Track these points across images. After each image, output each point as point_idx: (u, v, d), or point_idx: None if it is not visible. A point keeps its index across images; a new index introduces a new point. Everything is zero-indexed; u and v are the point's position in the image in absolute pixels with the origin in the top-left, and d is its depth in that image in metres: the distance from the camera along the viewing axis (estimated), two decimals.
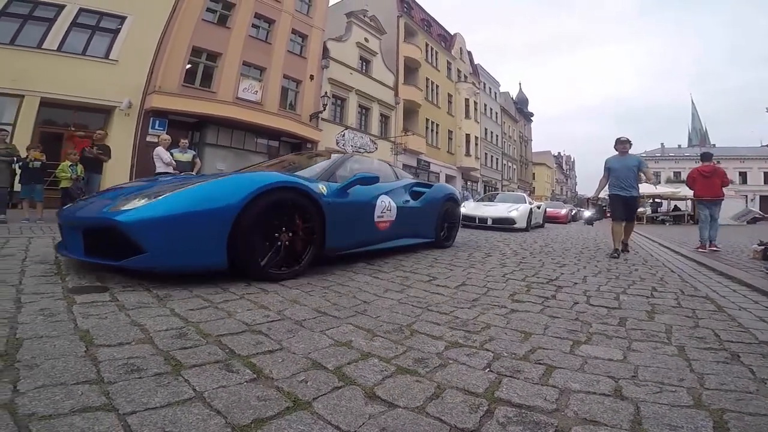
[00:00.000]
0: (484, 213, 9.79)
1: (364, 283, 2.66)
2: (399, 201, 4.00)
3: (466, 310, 2.09)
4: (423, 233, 4.49)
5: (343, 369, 1.26)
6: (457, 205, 5.34)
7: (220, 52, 14.50)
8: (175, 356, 1.26)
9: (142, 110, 12.45)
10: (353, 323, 1.76)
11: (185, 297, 2.02)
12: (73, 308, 1.69)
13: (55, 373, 1.09)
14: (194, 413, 0.95)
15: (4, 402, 0.94)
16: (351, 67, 20.13)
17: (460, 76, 31.05)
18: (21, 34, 10.86)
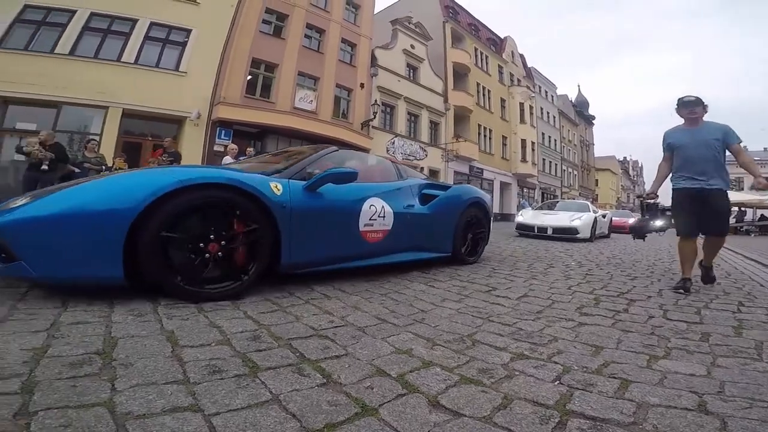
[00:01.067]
0: (544, 222, 9.35)
1: (420, 291, 2.69)
2: (398, 206, 3.28)
3: (530, 322, 2.06)
4: (434, 246, 3.69)
5: (406, 377, 1.30)
6: (484, 213, 4.34)
7: (277, 63, 15.33)
8: (251, 358, 1.35)
9: (209, 120, 13.43)
10: (412, 331, 1.79)
11: (256, 300, 2.17)
12: (158, 309, 1.87)
13: (147, 372, 1.20)
14: (272, 416, 1.00)
15: (104, 400, 1.02)
16: (398, 74, 20.45)
17: (513, 80, 30.43)
18: (103, 47, 12.11)
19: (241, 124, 13.93)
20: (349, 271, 2.99)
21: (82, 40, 11.85)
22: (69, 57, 11.55)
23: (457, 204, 3.90)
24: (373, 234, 3.03)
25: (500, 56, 29.62)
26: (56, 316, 1.64)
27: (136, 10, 12.57)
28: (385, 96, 19.62)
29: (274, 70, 15.40)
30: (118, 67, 12.09)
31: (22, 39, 11.27)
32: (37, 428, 0.87)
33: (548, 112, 35.66)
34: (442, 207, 3.71)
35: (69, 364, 1.19)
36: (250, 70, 14.67)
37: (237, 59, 14.16)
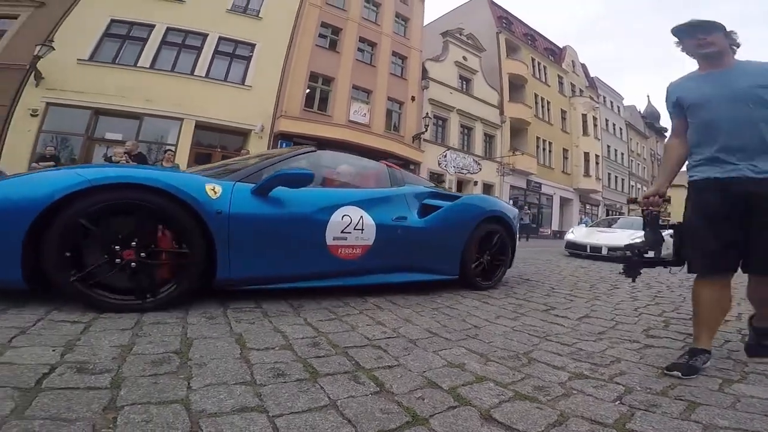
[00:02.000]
0: (599, 241, 8.41)
1: (473, 307, 2.68)
2: (384, 217, 2.79)
3: (591, 343, 2.00)
4: (434, 266, 3.08)
5: (458, 390, 1.32)
6: (507, 229, 3.58)
7: (333, 77, 15.96)
8: (311, 364, 1.44)
9: (272, 133, 14.24)
10: (465, 346, 1.81)
11: (314, 308, 2.29)
12: (227, 312, 2.03)
13: (219, 372, 1.29)
14: (330, 420, 1.06)
15: (181, 398, 1.10)
16: (450, 86, 20.37)
17: (575, 91, 29.34)
18: (178, 61, 13.32)
19: (300, 136, 14.55)
20: (400, 286, 2.98)
21: (160, 54, 13.15)
22: (150, 70, 12.83)
23: (467, 217, 3.26)
24: (347, 250, 2.57)
25: (560, 66, 28.70)
26: (139, 315, 1.84)
27: (206, 25, 13.73)
28: (437, 108, 19.62)
29: (330, 84, 16.03)
30: (191, 80, 13.25)
31: (110, 53, 12.70)
32: (123, 423, 0.96)
33: (614, 124, 33.75)
34: (447, 221, 3.12)
35: (151, 361, 1.33)
36: (308, 84, 15.40)
37: (296, 73, 14.92)
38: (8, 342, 1.35)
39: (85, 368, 1.22)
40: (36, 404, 0.99)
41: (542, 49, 27.88)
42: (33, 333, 1.47)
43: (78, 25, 12.27)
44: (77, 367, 1.22)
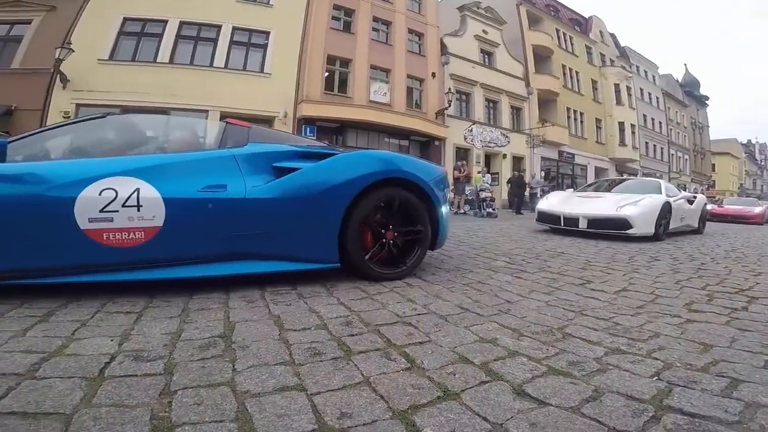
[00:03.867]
0: (575, 210, 6.09)
1: (505, 282, 2.68)
2: (184, 188, 2.08)
3: (628, 317, 1.96)
4: (293, 252, 2.32)
5: (490, 365, 1.34)
6: (420, 197, 2.66)
7: (350, 58, 15.98)
8: (345, 342, 1.50)
9: (295, 118, 14.50)
10: (497, 321, 1.82)
11: (347, 287, 2.36)
12: (265, 295, 2.13)
13: (260, 353, 1.36)
14: (363, 397, 1.10)
15: (227, 380, 1.17)
16: (472, 60, 20.01)
17: (605, 61, 28.38)
18: (196, 54, 13.70)
19: (323, 119, 14.78)
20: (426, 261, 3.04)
21: (177, 48, 13.53)
22: (170, 65, 13.26)
23: (342, 182, 2.36)
24: (120, 234, 1.94)
25: (587, 36, 27.80)
26: (185, 303, 1.95)
27: (218, 16, 13.96)
28: (459, 83, 19.31)
29: (348, 65, 16.07)
30: (211, 72, 13.60)
31: (129, 51, 13.19)
32: (177, 406, 1.02)
33: (650, 93, 32.52)
34: (305, 188, 2.30)
35: (198, 346, 1.41)
36: (326, 67, 15.47)
37: (314, 57, 15.02)
38: (71, 334, 1.48)
39: (140, 356, 1.31)
40: (101, 392, 1.07)
41: (567, 20, 27.03)
42: (92, 325, 1.59)
43: (92, 26, 12.73)
44: (134, 356, 1.31)
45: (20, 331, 1.48)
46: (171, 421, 0.95)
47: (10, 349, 1.30)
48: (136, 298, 1.98)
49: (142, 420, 0.95)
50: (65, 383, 1.10)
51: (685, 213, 6.96)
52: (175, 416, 0.97)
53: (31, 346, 1.34)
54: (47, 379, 1.12)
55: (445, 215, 2.82)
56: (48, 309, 1.76)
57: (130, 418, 0.95)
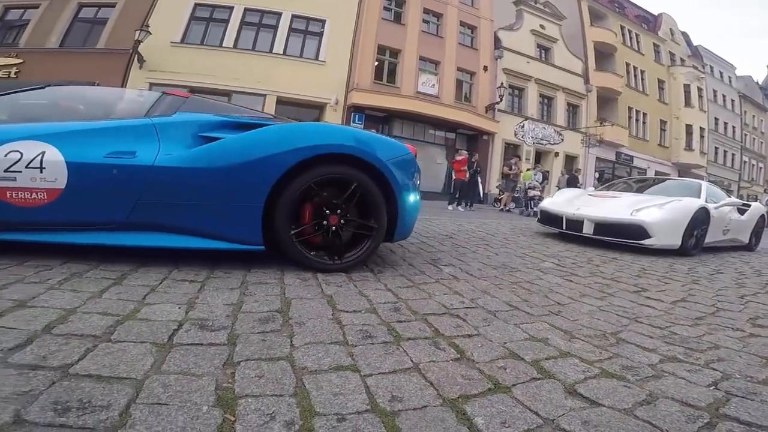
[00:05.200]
0: (580, 211, 4.98)
1: (555, 284, 2.63)
2: (90, 153, 2.04)
3: (687, 327, 1.90)
4: (207, 228, 2.14)
5: (541, 363, 1.34)
6: (374, 178, 2.32)
7: (400, 49, 16.08)
8: (395, 328, 1.54)
9: (345, 106, 14.84)
10: (548, 322, 1.80)
11: (393, 275, 2.41)
12: (317, 275, 2.21)
13: (316, 331, 1.42)
14: (413, 382, 1.13)
15: (286, 355, 1.22)
16: (527, 55, 19.48)
17: (675, 60, 26.69)
18: (258, 40, 14.39)
19: (372, 108, 14.97)
20: (473, 256, 2.99)
21: (241, 34, 14.23)
22: (234, 50, 13.98)
23: (270, 155, 2.13)
24: (22, 194, 1.96)
25: (655, 34, 26.20)
26: (244, 276, 2.07)
27: (279, 4, 14.52)
28: (513, 78, 18.89)
29: (398, 56, 16.17)
30: (271, 58, 14.22)
31: (198, 35, 14.03)
32: (240, 377, 1.07)
33: (724, 95, 30.22)
34: (225, 159, 2.12)
35: (258, 319, 1.49)
36: (376, 57, 15.63)
37: (365, 46, 15.25)
38: (143, 299, 1.60)
39: (205, 325, 1.40)
40: (170, 359, 1.13)
41: (633, 17, 25.66)
42: (160, 291, 1.72)
43: (168, 10, 13.60)
44: (199, 324, 1.40)
45: (97, 292, 1.61)
46: (234, 392, 1.00)
47: (89, 310, 1.41)
48: (198, 267, 2.12)
49: (207, 389, 1.00)
50: (137, 348, 1.18)
51: (730, 224, 5.58)
52: (238, 387, 1.02)
53: (107, 308, 1.45)
54: (121, 343, 1.20)
55: (410, 202, 2.46)
56: (121, 272, 1.92)
57: (196, 387, 1.00)
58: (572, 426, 0.98)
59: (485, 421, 0.98)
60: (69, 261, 1.99)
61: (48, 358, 1.06)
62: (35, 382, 0.95)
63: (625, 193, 5.77)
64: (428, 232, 4.74)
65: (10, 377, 0.95)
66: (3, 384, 0.93)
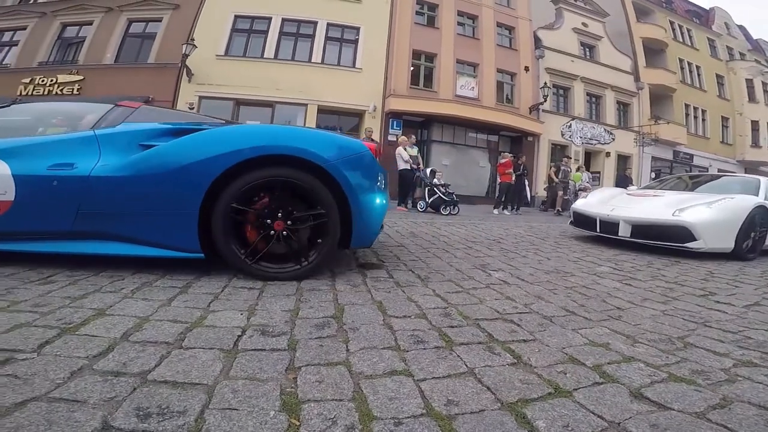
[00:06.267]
0: (616, 212, 4.64)
1: (613, 288, 2.53)
2: (35, 165, 2.14)
3: (763, 332, 1.78)
4: (146, 236, 2.14)
5: (603, 367, 1.31)
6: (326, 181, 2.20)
7: (436, 53, 16.03)
8: (446, 333, 1.55)
9: (383, 112, 14.97)
10: (608, 327, 1.75)
11: (441, 280, 2.42)
12: (366, 281, 2.27)
13: (369, 337, 1.45)
14: (469, 386, 1.14)
15: (342, 360, 1.26)
16: (571, 54, 18.87)
17: (733, 54, 25.18)
18: (297, 50, 14.80)
19: (409, 114, 15.00)
20: (523, 261, 2.97)
21: (280, 44, 14.71)
22: (274, 60, 14.46)
23: (202, 160, 2.09)
24: None
25: (708, 29, 24.81)
26: (298, 283, 2.15)
27: (314, 13, 14.91)
28: (557, 77, 18.30)
29: (433, 60, 16.12)
30: (310, 67, 14.58)
31: (240, 47, 14.62)
32: (302, 382, 1.10)
33: None
34: (157, 167, 2.12)
35: (315, 325, 1.54)
36: (412, 62, 15.71)
37: (399, 52, 15.36)
38: (207, 306, 1.70)
39: (266, 331, 1.46)
40: (236, 365, 1.18)
41: (682, 12, 24.44)
42: (223, 298, 1.82)
43: (210, 22, 14.30)
44: (261, 330, 1.46)
45: (166, 300, 1.74)
46: (298, 397, 1.04)
47: (161, 318, 1.52)
48: None
49: (273, 395, 1.04)
50: (207, 354, 1.24)
51: None
52: (301, 392, 1.06)
53: (176, 315, 1.56)
54: (192, 350, 1.26)
55: (368, 204, 2.29)
56: (186, 281, 2.05)
57: (262, 392, 1.04)
58: (640, 429, 0.96)
59: (547, 424, 0.98)
60: (139, 271, 2.15)
61: (128, 364, 1.14)
62: (118, 388, 1.02)
63: (668, 191, 5.31)
64: (475, 237, 4.71)
65: (96, 384, 1.03)
66: (91, 390, 1.00)
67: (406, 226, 5.38)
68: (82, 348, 1.22)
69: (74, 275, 2.03)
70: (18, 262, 2.15)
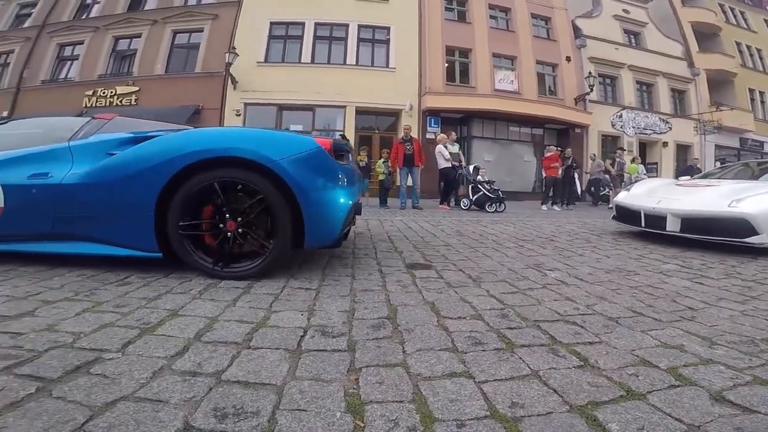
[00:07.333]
0: (663, 204, 4.22)
1: (683, 288, 2.39)
2: (17, 176, 2.42)
3: None
4: (110, 236, 2.31)
5: (679, 370, 1.26)
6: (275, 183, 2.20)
7: (470, 48, 15.84)
8: (505, 335, 1.53)
9: (420, 110, 14.95)
10: (680, 328, 1.66)
11: (493, 280, 2.40)
12: (416, 282, 2.28)
13: (425, 338, 1.45)
14: (534, 389, 1.12)
15: (400, 361, 1.26)
16: (615, 42, 18.13)
17: None
18: (331, 53, 15.10)
19: (447, 111, 14.90)
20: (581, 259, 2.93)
21: (316, 48, 15.04)
22: (311, 65, 14.82)
23: (153, 166, 2.21)
24: None
25: (763, 9, 23.10)
26: (351, 283, 2.21)
27: (345, 15, 15.11)
28: (602, 66, 17.64)
29: (468, 55, 15.93)
30: (345, 69, 14.83)
31: (278, 53, 15.08)
32: (364, 384, 1.12)
33: None
34: (115, 173, 2.29)
35: (371, 326, 1.57)
36: (446, 59, 15.56)
37: (432, 49, 15.27)
38: (269, 306, 1.78)
39: (326, 332, 1.50)
40: (301, 365, 1.22)
41: None
42: (283, 299, 1.90)
43: (248, 30, 14.79)
44: (321, 331, 1.50)
45: (231, 301, 1.83)
46: (360, 398, 1.05)
47: (228, 318, 1.60)
48: (309, 275, 2.33)
49: (337, 396, 1.06)
50: (274, 354, 1.28)
51: None
52: (363, 394, 1.07)
53: (242, 316, 1.64)
54: (260, 350, 1.31)
55: (321, 202, 2.27)
56: (247, 282, 2.15)
57: (327, 393, 1.07)
58: None
59: (620, 427, 0.95)
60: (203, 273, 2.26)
61: (203, 364, 1.20)
62: (196, 388, 1.07)
63: (728, 180, 4.76)
64: (525, 234, 4.60)
65: (176, 384, 1.08)
66: (172, 390, 1.05)
67: (451, 225, 5.34)
68: (160, 348, 1.31)
69: (146, 277, 2.20)
70: (95, 264, 2.35)
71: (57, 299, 1.77)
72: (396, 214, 7.06)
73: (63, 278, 2.13)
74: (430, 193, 11.41)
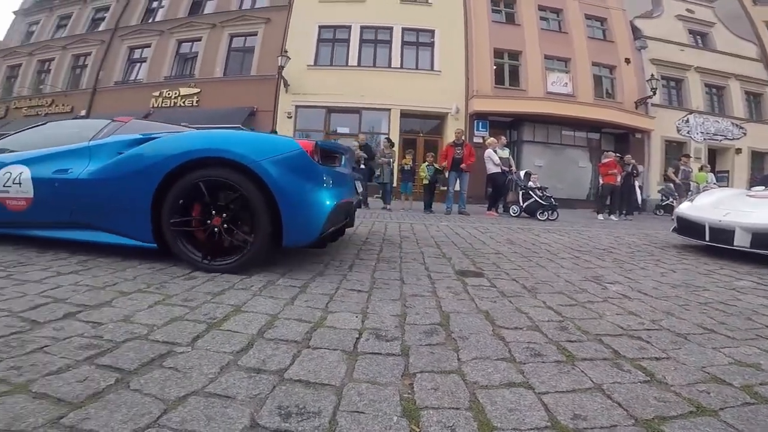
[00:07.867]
0: (730, 217, 3.94)
1: (759, 305, 2.24)
2: (45, 171, 2.77)
3: None
4: (114, 226, 2.60)
5: (755, 388, 1.21)
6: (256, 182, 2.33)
7: (520, 50, 15.57)
8: (565, 347, 1.49)
9: (467, 114, 14.86)
10: (757, 346, 1.58)
11: (550, 292, 2.34)
12: (467, 289, 2.28)
13: (480, 347, 1.45)
14: (597, 402, 1.10)
15: (455, 369, 1.26)
16: (679, 43, 17.22)
17: None
18: (377, 56, 15.34)
19: (496, 114, 14.69)
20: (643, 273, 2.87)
21: (362, 52, 15.33)
22: (358, 68, 15.13)
23: (150, 165, 2.46)
24: (14, 201, 2.82)
25: None
26: (400, 287, 2.24)
27: (389, 18, 15.31)
28: (665, 69, 16.78)
29: (518, 57, 15.65)
30: (390, 72, 15.04)
31: (326, 57, 15.54)
32: (419, 389, 1.12)
33: None
34: (119, 171, 2.57)
35: (423, 332, 1.57)
36: (494, 61, 15.36)
37: (480, 51, 15.13)
38: (325, 306, 1.84)
39: (380, 335, 1.52)
40: (358, 367, 1.24)
41: None
42: (337, 299, 1.95)
43: (298, 34, 15.31)
44: (375, 334, 1.52)
45: (289, 299, 1.90)
46: (416, 403, 1.06)
47: (287, 317, 1.66)
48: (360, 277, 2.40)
49: (393, 399, 1.07)
50: (332, 355, 1.31)
51: None
52: (419, 399, 1.08)
53: (300, 315, 1.70)
54: (319, 350, 1.35)
55: (299, 202, 2.35)
56: (303, 281, 2.24)
57: (384, 397, 1.08)
58: None
59: None
60: (262, 270, 2.39)
61: (267, 362, 1.24)
62: (261, 386, 1.10)
63: None
64: (580, 245, 4.45)
65: (243, 380, 1.12)
66: (239, 387, 1.08)
67: (500, 233, 5.25)
68: (227, 343, 1.38)
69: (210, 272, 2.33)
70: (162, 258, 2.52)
71: (131, 291, 1.91)
72: (441, 219, 7.00)
73: (135, 270, 2.31)
74: (477, 198, 11.23)
